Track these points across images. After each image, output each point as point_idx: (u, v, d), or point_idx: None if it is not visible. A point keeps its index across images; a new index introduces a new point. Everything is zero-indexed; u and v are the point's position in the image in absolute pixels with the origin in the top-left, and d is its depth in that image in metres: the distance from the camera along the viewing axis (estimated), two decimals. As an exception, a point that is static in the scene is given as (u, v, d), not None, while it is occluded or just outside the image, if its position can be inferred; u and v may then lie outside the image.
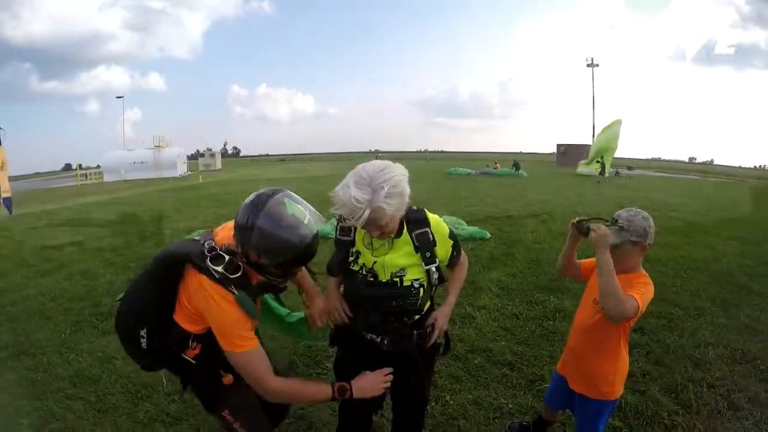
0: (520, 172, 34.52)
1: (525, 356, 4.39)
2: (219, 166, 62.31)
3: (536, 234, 10.22)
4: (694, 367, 4.27)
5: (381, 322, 2.22)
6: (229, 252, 1.93)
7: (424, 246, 2.16)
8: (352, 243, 2.23)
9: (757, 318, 5.57)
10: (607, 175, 32.47)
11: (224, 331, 1.90)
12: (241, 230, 1.87)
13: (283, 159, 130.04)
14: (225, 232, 2.06)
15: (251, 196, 1.91)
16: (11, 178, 20.50)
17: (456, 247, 2.36)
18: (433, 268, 2.18)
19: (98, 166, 55.83)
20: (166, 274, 2.00)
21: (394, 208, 1.95)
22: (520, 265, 7.57)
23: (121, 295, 2.19)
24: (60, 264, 8.66)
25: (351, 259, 2.23)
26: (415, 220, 2.20)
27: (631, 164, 60.05)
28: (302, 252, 1.91)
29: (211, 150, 70.08)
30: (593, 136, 75.06)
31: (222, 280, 1.88)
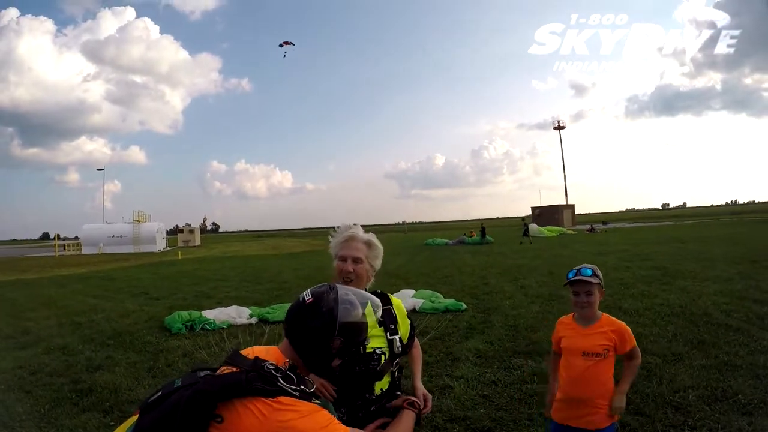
0: (487, 237, 34.63)
1: (504, 421, 4.28)
2: (198, 242, 62.19)
3: (513, 300, 10.20)
4: (674, 411, 4.20)
5: (342, 398, 2.24)
6: (292, 369, 1.76)
7: (388, 320, 2.34)
8: None
9: (735, 353, 5.58)
10: (530, 237, 34.65)
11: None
12: (318, 329, 1.78)
13: (260, 235, 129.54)
14: (261, 353, 1.82)
15: (306, 294, 1.84)
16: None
17: (413, 328, 2.53)
18: (397, 339, 2.33)
19: (76, 238, 56.02)
20: (200, 418, 1.59)
21: (377, 250, 2.45)
22: (497, 332, 7.48)
23: None
24: (39, 338, 8.54)
25: None
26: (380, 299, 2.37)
27: (605, 218, 61.06)
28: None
29: (190, 225, 69.90)
30: (566, 196, 77.22)
31: (304, 398, 1.69)
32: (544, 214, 61.02)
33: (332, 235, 2.47)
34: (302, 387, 1.69)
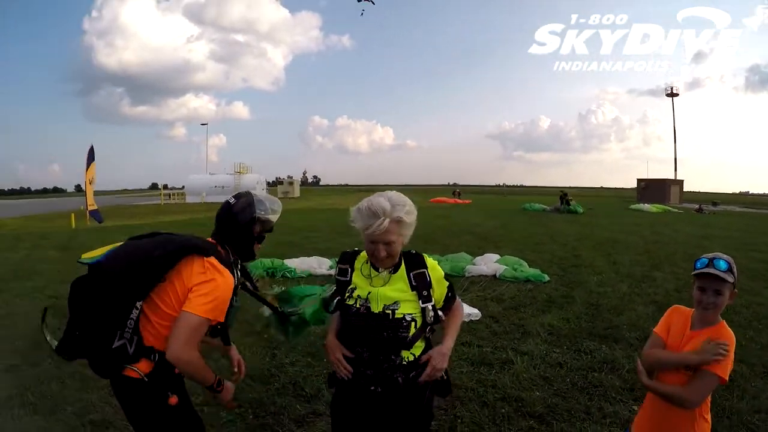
0: (573, 205, 31.85)
1: (558, 410, 4.10)
2: (297, 193, 65.29)
3: (601, 276, 9.75)
4: (750, 437, 3.75)
5: (370, 359, 2.28)
6: (223, 248, 2.43)
7: (421, 285, 2.30)
8: (349, 282, 2.40)
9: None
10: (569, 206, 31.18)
11: (210, 297, 2.18)
12: (241, 216, 2.41)
13: (360, 189, 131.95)
14: None
15: (230, 198, 2.50)
16: (102, 193, 22.50)
17: (451, 289, 2.45)
18: (429, 307, 2.29)
19: (183, 187, 61.17)
20: (171, 261, 2.25)
21: (409, 224, 2.24)
22: (577, 309, 7.21)
23: (93, 259, 2.42)
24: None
25: (347, 295, 2.38)
26: (414, 262, 2.37)
27: (716, 199, 56.50)
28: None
29: (290, 178, 72.47)
30: (675, 170, 72.15)
31: (227, 263, 2.33)
32: (650, 188, 56.84)
33: (355, 209, 2.26)
34: (228, 257, 2.41)
